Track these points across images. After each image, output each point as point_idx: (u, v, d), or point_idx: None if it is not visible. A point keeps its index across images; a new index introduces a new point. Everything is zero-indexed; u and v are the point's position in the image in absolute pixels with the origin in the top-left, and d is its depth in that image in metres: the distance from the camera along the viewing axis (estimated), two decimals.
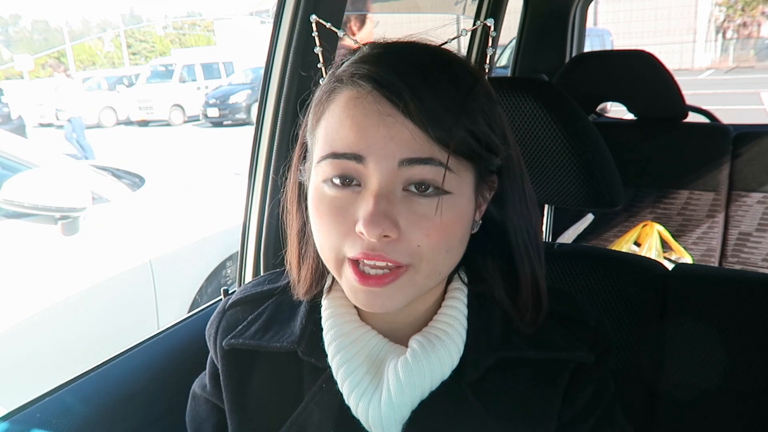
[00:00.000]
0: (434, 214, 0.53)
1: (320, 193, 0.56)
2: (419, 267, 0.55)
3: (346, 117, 0.54)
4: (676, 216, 1.96)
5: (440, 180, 0.53)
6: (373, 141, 0.52)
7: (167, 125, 15.38)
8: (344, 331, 0.61)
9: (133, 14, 67.82)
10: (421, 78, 0.53)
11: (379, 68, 0.54)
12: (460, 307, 0.62)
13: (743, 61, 20.93)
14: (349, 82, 0.55)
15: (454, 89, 0.54)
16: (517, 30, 2.51)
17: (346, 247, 0.54)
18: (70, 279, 1.95)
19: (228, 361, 0.66)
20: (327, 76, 0.60)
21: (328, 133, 0.56)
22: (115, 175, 2.62)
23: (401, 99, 0.52)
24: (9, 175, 1.90)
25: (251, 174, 1.10)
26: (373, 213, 0.51)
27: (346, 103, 0.55)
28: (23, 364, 1.78)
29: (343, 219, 0.54)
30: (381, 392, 0.57)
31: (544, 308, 0.62)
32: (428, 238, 0.53)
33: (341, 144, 0.54)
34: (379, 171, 0.52)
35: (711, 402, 0.88)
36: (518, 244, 0.61)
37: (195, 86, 16.11)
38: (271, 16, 1.11)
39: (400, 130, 0.52)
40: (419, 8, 5.48)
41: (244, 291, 0.71)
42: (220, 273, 2.43)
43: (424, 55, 0.56)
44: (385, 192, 0.53)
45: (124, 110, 16.11)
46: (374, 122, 0.53)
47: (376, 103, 0.53)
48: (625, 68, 1.88)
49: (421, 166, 0.53)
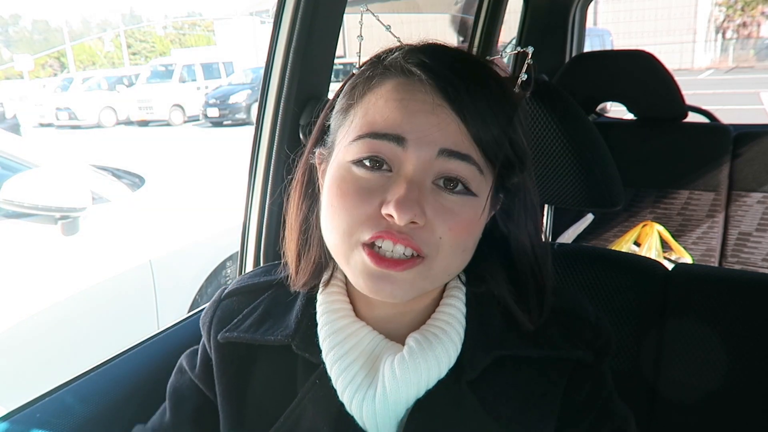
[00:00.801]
0: (460, 211, 0.54)
1: (346, 173, 0.55)
2: (435, 260, 0.55)
3: (394, 100, 0.55)
4: (676, 216, 1.96)
5: (471, 179, 0.54)
6: (418, 126, 0.53)
7: (167, 125, 15.39)
8: (339, 327, 0.60)
9: (133, 14, 67.84)
10: (475, 78, 0.55)
11: (437, 60, 0.55)
12: (459, 305, 0.62)
13: (743, 61, 20.93)
14: (400, 69, 0.56)
15: (503, 98, 0.56)
16: (517, 30, 2.51)
17: (363, 229, 0.54)
18: (70, 279, 1.95)
19: (222, 354, 0.66)
20: (367, 64, 0.60)
21: (369, 113, 0.56)
22: (115, 175, 2.62)
23: (455, 92, 0.53)
24: (9, 175, 1.90)
25: (251, 174, 1.10)
26: (406, 197, 0.52)
27: (395, 87, 0.55)
28: (23, 364, 1.78)
29: (367, 200, 0.54)
30: (376, 389, 0.57)
31: (548, 308, 0.62)
32: (451, 232, 0.54)
33: (384, 124, 0.54)
34: (417, 156, 0.53)
35: (710, 401, 0.88)
36: (520, 252, 0.62)
37: (195, 86, 16.12)
38: (271, 16, 1.11)
39: (447, 120, 0.53)
40: (419, 8, 5.48)
41: (241, 281, 0.71)
42: (220, 273, 2.43)
43: (476, 61, 0.58)
44: (418, 179, 0.53)
45: (124, 110, 16.12)
46: (423, 108, 0.53)
47: (429, 91, 0.54)
48: (625, 68, 1.88)
49: (457, 161, 0.53)
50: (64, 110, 15.94)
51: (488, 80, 0.56)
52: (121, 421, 0.85)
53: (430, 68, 0.54)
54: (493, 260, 0.63)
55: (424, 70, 0.55)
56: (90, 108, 15.89)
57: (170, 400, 0.71)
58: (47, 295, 1.88)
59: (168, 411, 0.70)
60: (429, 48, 0.58)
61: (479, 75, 0.56)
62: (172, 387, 0.72)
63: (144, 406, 0.88)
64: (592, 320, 0.65)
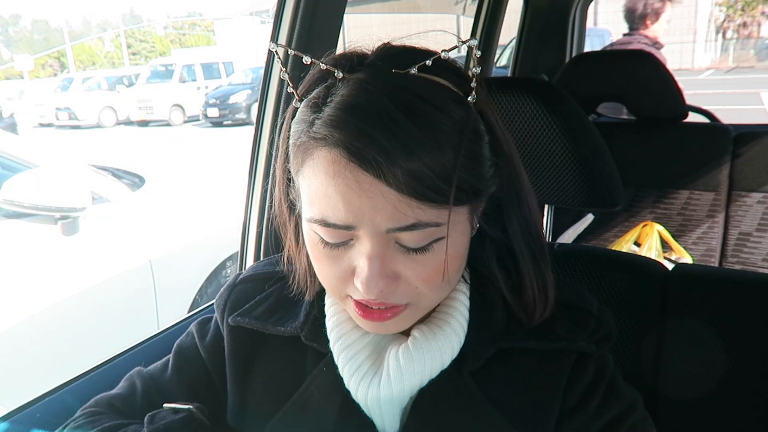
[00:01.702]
0: (430, 260, 0.54)
1: (314, 240, 0.56)
2: (418, 304, 0.57)
3: (330, 186, 0.50)
4: (676, 216, 1.96)
5: (430, 235, 0.52)
6: (361, 213, 0.50)
7: (167, 125, 15.39)
8: (346, 317, 0.63)
9: (133, 14, 67.85)
10: (395, 139, 0.48)
11: (349, 134, 0.49)
12: (463, 299, 0.63)
13: (743, 61, 20.92)
14: (324, 142, 0.50)
15: (433, 143, 0.49)
16: (517, 30, 2.50)
17: (345, 287, 0.56)
18: (69, 279, 1.95)
19: (234, 336, 0.68)
20: (300, 113, 0.54)
21: (314, 196, 0.52)
22: (115, 175, 2.62)
23: (378, 168, 0.48)
24: (9, 175, 1.90)
25: (251, 174, 1.10)
26: (370, 276, 0.52)
27: (326, 169, 0.50)
28: (23, 364, 1.78)
29: (340, 267, 0.55)
30: (380, 377, 0.59)
31: (550, 305, 0.63)
32: (426, 281, 0.55)
33: (332, 215, 0.51)
34: (369, 236, 0.52)
35: (710, 401, 0.88)
36: (519, 244, 0.61)
37: (195, 86, 16.12)
38: (271, 16, 1.11)
39: (382, 201, 0.49)
40: (419, 8, 5.48)
41: (256, 268, 0.73)
42: (220, 273, 2.43)
43: (396, 101, 0.49)
44: (378, 252, 0.52)
45: (124, 110, 16.12)
46: (357, 194, 0.50)
47: (354, 174, 0.49)
48: (625, 68, 1.88)
49: (407, 232, 0.51)
50: (64, 110, 15.95)
51: (414, 129, 0.48)
52: None
53: (348, 149, 0.48)
54: (490, 253, 0.63)
55: (341, 147, 0.49)
56: (90, 108, 15.90)
57: (174, 358, 0.73)
58: (47, 296, 1.88)
59: (170, 368, 0.72)
60: (341, 115, 0.49)
61: (401, 129, 0.48)
62: (179, 346, 0.74)
63: None
64: (594, 312, 0.66)
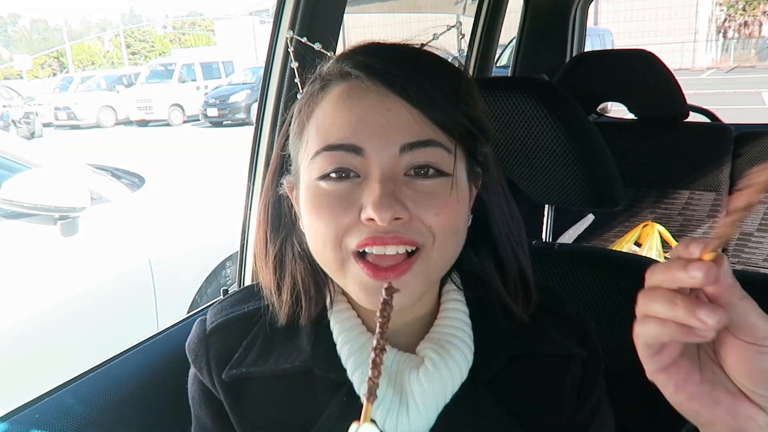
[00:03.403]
0: (440, 193, 0.53)
1: (316, 190, 0.55)
2: (431, 251, 0.54)
3: (341, 108, 0.54)
4: (676, 216, 1.96)
5: (441, 161, 0.54)
6: (372, 130, 0.52)
7: (167, 125, 15.39)
8: (361, 344, 0.59)
9: (132, 14, 67.84)
10: (416, 65, 0.55)
11: (374, 57, 0.55)
12: (461, 308, 0.62)
13: (744, 60, 20.92)
14: (339, 74, 0.56)
15: (448, 75, 0.56)
16: (517, 30, 2.50)
17: (348, 237, 0.53)
18: (69, 279, 1.95)
19: (230, 391, 0.62)
20: (309, 82, 0.60)
21: (320, 127, 0.55)
22: (115, 175, 2.62)
23: (400, 84, 0.52)
24: (9, 175, 1.90)
25: (251, 174, 1.10)
26: (381, 195, 0.50)
27: (340, 95, 0.55)
28: (22, 364, 1.78)
29: (345, 210, 0.53)
30: (407, 405, 0.57)
31: (534, 296, 0.63)
32: (438, 217, 0.53)
33: (337, 135, 0.53)
34: (379, 159, 0.52)
35: None
36: (501, 236, 0.62)
37: (194, 86, 16.12)
38: (271, 16, 1.11)
39: (400, 114, 0.53)
40: (419, 8, 5.48)
41: (222, 313, 0.67)
42: (220, 273, 2.43)
43: (412, 49, 0.58)
44: (389, 176, 0.52)
45: (124, 110, 16.13)
46: (372, 110, 0.53)
47: (374, 90, 0.53)
48: (626, 68, 1.88)
49: (422, 149, 0.53)
50: (63, 110, 15.96)
51: (429, 63, 0.56)
52: (121, 422, 0.85)
53: (369, 66, 0.54)
54: (483, 251, 0.64)
55: (362, 69, 0.54)
56: (89, 108, 15.90)
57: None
58: (46, 296, 1.87)
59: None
60: (363, 48, 0.57)
61: (419, 60, 0.56)
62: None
63: (144, 407, 0.88)
64: (575, 318, 0.67)
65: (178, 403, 0.74)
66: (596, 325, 0.72)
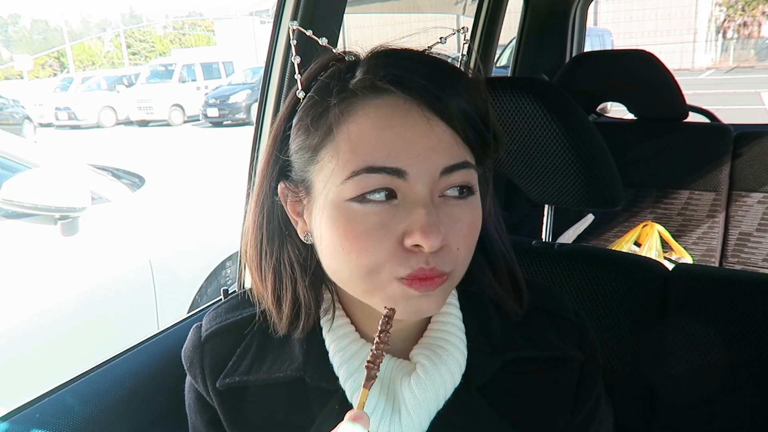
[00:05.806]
0: (466, 214, 0.54)
1: (350, 212, 0.52)
2: (456, 273, 0.54)
3: (383, 128, 0.51)
4: (676, 216, 1.96)
5: (472, 181, 0.54)
6: (416, 152, 0.50)
7: (167, 125, 15.39)
8: (353, 352, 0.59)
9: (133, 14, 67.86)
10: (450, 82, 0.52)
11: (406, 71, 0.52)
12: (454, 311, 0.61)
13: (744, 60, 20.92)
14: (371, 89, 0.52)
15: (475, 91, 0.54)
16: (517, 30, 2.50)
17: (392, 266, 0.51)
18: (69, 279, 1.95)
19: (224, 399, 0.62)
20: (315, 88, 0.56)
21: (356, 147, 0.51)
22: (115, 175, 2.62)
23: (443, 104, 0.51)
24: (9, 175, 1.90)
25: (251, 174, 1.10)
26: (429, 221, 0.50)
27: (377, 112, 0.51)
28: (22, 364, 1.78)
29: (385, 236, 0.51)
30: (399, 413, 0.56)
31: (524, 295, 0.63)
32: (465, 240, 0.54)
33: (378, 157, 0.50)
34: (422, 182, 0.51)
35: (710, 401, 0.88)
36: (489, 234, 0.62)
37: (195, 86, 16.13)
38: (271, 16, 1.11)
39: (442, 137, 0.51)
40: (419, 8, 5.48)
41: (217, 319, 0.66)
42: (220, 273, 2.43)
43: (438, 60, 0.55)
44: (431, 200, 0.52)
45: (124, 110, 16.14)
46: (417, 133, 0.51)
47: (416, 110, 0.51)
48: (626, 68, 1.88)
49: (459, 171, 0.52)
50: (64, 110, 15.96)
51: (458, 77, 0.54)
52: (121, 422, 0.85)
53: (407, 82, 0.51)
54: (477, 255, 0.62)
55: (400, 86, 0.51)
56: (89, 108, 15.90)
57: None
58: (46, 296, 1.87)
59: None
60: (390, 59, 0.53)
61: (452, 77, 0.53)
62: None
63: (144, 407, 0.88)
64: (573, 318, 0.66)
65: (178, 403, 0.74)
66: (596, 325, 0.72)
